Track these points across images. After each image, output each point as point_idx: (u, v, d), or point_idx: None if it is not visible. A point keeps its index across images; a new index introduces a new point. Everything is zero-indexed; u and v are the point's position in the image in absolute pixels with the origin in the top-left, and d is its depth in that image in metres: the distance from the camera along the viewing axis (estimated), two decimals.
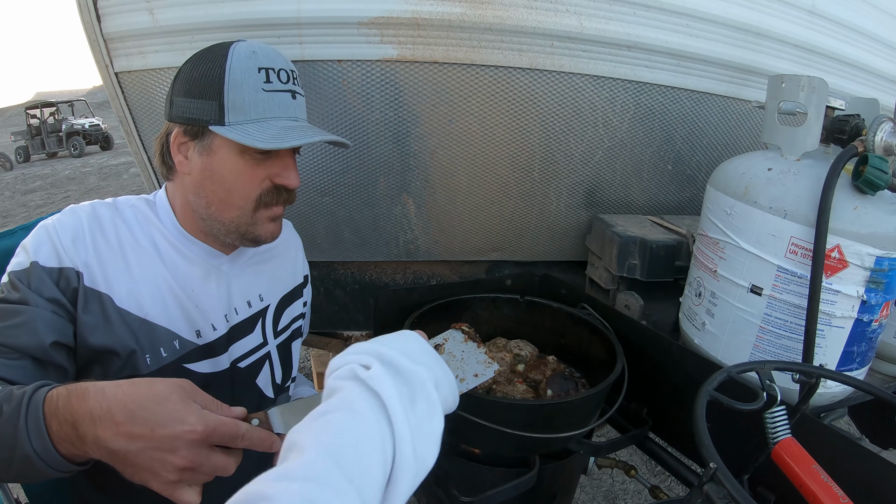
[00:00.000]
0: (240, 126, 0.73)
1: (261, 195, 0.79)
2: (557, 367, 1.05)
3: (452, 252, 1.52)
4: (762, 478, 0.80)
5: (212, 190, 0.78)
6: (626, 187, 1.48)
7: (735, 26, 1.28)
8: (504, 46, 1.16)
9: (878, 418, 1.31)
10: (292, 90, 0.79)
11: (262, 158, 0.77)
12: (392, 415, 0.47)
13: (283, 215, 0.86)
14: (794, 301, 0.89)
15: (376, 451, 0.44)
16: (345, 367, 0.51)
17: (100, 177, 10.42)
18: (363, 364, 0.51)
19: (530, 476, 0.83)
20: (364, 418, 0.46)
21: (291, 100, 0.78)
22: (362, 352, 0.52)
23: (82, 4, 1.12)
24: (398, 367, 0.51)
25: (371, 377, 0.49)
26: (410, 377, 0.51)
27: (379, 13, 1.09)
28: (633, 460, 1.93)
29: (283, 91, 0.77)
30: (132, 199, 0.84)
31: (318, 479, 0.40)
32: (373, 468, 0.43)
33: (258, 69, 0.75)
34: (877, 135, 0.83)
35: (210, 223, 0.80)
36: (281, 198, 0.81)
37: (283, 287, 0.97)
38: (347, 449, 0.43)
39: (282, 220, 0.86)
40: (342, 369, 0.51)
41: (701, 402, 0.68)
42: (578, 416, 0.86)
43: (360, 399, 0.47)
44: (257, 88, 0.75)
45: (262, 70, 0.75)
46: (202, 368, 0.83)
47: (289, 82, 0.78)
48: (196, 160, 0.77)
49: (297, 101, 0.80)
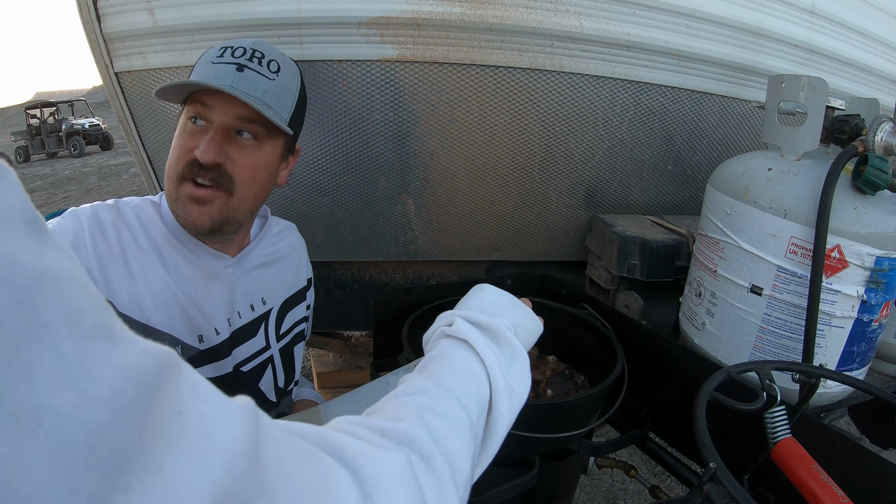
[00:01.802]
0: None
1: (182, 167, 0.76)
2: (557, 367, 1.05)
3: (452, 252, 1.52)
4: (762, 478, 0.80)
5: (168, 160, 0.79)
6: (626, 187, 1.48)
7: (735, 26, 1.28)
8: (504, 46, 1.16)
9: (878, 418, 1.31)
10: (239, 63, 0.78)
11: (196, 130, 0.77)
12: (480, 351, 0.52)
13: (221, 206, 0.78)
14: (794, 301, 0.89)
15: (471, 377, 0.50)
16: (434, 333, 0.59)
17: (100, 177, 10.42)
18: (447, 324, 0.57)
19: (530, 476, 0.83)
20: (456, 356, 0.52)
21: (235, 71, 0.77)
22: (445, 315, 0.59)
23: (82, 4, 1.12)
24: (476, 321, 0.57)
25: (455, 329, 0.55)
26: (489, 326, 0.57)
27: (379, 13, 1.09)
28: (633, 460, 1.93)
29: (230, 63, 0.78)
30: (135, 201, 0.83)
31: (425, 392, 0.46)
32: (470, 390, 0.49)
33: (220, 48, 0.80)
34: (877, 135, 0.83)
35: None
36: (194, 172, 0.75)
37: (287, 291, 0.97)
38: (445, 373, 0.49)
39: (208, 209, 0.77)
40: (434, 335, 0.58)
41: (701, 402, 0.68)
42: (578, 416, 0.86)
43: (449, 346, 0.54)
44: (208, 61, 0.79)
45: (223, 49, 0.80)
46: (205, 373, 0.82)
47: (241, 57, 0.79)
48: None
49: (243, 73, 0.77)
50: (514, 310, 0.63)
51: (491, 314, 0.59)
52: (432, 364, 0.52)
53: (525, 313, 0.64)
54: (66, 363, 0.18)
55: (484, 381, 0.51)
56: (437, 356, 0.53)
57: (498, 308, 0.62)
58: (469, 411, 0.46)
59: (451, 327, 0.56)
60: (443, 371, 0.50)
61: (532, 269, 1.50)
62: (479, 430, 0.49)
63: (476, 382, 0.50)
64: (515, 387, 0.54)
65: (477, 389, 0.50)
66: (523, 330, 0.62)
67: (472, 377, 0.50)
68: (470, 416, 0.46)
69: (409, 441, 0.39)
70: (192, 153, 0.75)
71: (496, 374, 0.52)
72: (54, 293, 0.19)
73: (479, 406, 0.49)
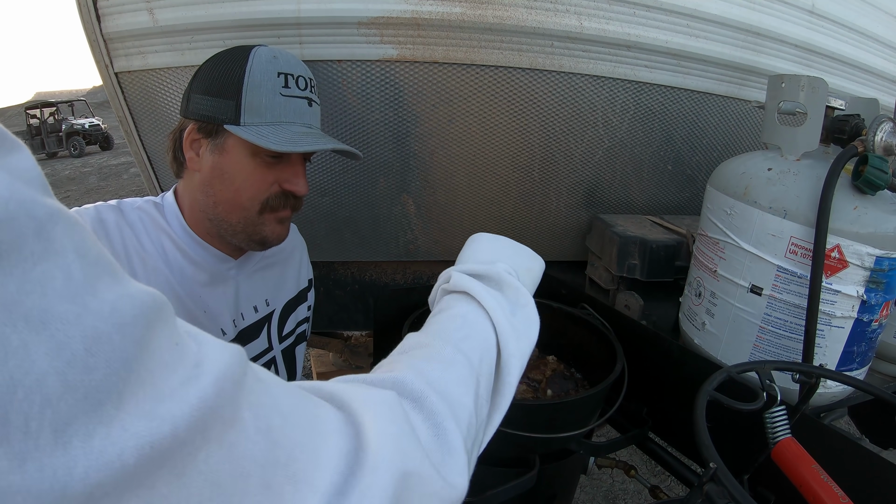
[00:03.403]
0: (254, 127, 0.74)
1: (268, 199, 0.79)
2: (557, 367, 1.05)
3: (452, 252, 1.51)
4: (762, 478, 0.80)
5: (220, 189, 0.77)
6: (626, 187, 1.48)
7: (735, 26, 1.28)
8: (504, 46, 1.16)
9: (878, 418, 1.31)
10: (309, 98, 0.79)
11: (273, 162, 0.77)
12: (480, 299, 0.52)
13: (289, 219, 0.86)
14: (794, 301, 0.89)
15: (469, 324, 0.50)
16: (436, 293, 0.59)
17: (100, 177, 10.42)
18: (445, 280, 0.57)
19: (530, 476, 0.83)
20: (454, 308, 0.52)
21: (307, 107, 0.79)
22: (444, 274, 0.59)
23: (82, 4, 1.12)
24: (473, 271, 0.56)
25: (454, 284, 0.55)
26: (488, 274, 0.56)
27: (379, 13, 1.09)
28: (633, 460, 1.93)
29: (300, 97, 0.78)
30: (138, 202, 0.82)
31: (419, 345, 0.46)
32: (468, 335, 0.48)
33: (277, 73, 0.75)
34: (877, 135, 0.83)
35: (217, 223, 0.80)
36: (288, 203, 0.81)
37: (289, 292, 0.97)
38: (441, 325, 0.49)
39: (290, 223, 0.85)
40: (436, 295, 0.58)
41: (701, 402, 0.68)
42: (578, 416, 0.86)
43: (449, 301, 0.54)
44: (275, 92, 0.75)
45: (281, 75, 0.76)
46: None
47: (306, 89, 0.79)
48: (208, 158, 0.77)
49: (312, 108, 0.80)
50: (513, 252, 0.62)
51: (489, 262, 0.58)
52: (431, 321, 0.52)
53: (524, 253, 0.64)
54: (73, 282, 0.21)
55: (487, 327, 0.50)
56: (436, 313, 0.53)
57: (495, 254, 0.61)
58: (468, 355, 0.46)
59: (449, 283, 0.56)
60: (438, 324, 0.50)
61: None
62: (485, 375, 0.48)
63: (477, 329, 0.50)
64: (522, 329, 0.53)
65: (478, 335, 0.49)
66: (525, 270, 0.61)
67: (471, 324, 0.50)
68: (469, 359, 0.46)
69: (398, 385, 0.39)
70: (275, 185, 0.79)
71: (499, 317, 0.51)
72: (66, 228, 0.22)
73: (481, 350, 0.48)
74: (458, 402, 0.41)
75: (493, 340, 0.50)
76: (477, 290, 0.53)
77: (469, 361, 0.45)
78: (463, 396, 0.42)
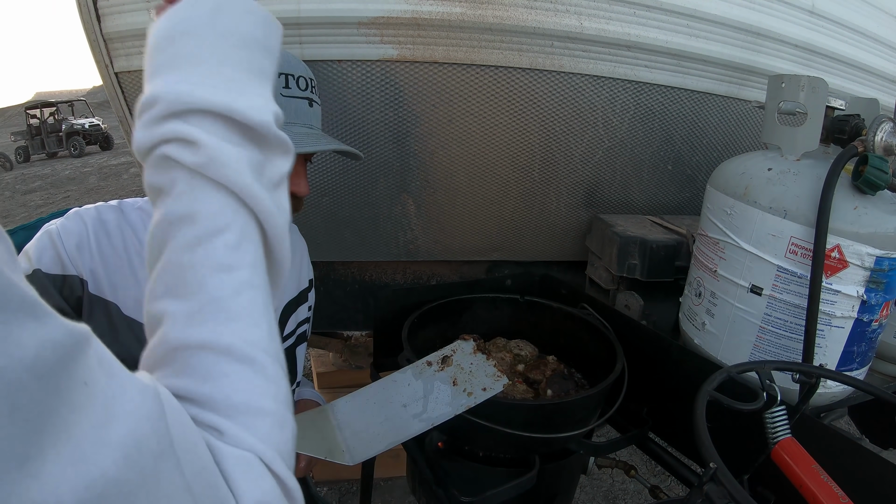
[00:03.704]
0: None
1: None
2: (557, 367, 1.05)
3: (452, 252, 1.52)
4: (762, 478, 0.80)
5: None
6: (626, 187, 1.48)
7: (735, 26, 1.28)
8: (504, 46, 1.16)
9: (878, 418, 1.31)
10: (309, 98, 0.79)
11: None
12: (246, 196, 0.38)
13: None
14: (794, 301, 0.89)
15: (242, 245, 0.38)
16: (154, 155, 0.37)
17: (100, 177, 10.42)
18: (163, 138, 0.36)
19: (530, 476, 0.83)
20: (201, 216, 0.36)
21: (308, 107, 0.79)
22: (158, 116, 0.37)
23: (82, 4, 1.12)
24: (203, 107, 0.37)
25: (200, 164, 0.36)
26: (229, 112, 0.38)
27: (379, 13, 1.09)
28: (633, 460, 1.93)
29: (301, 98, 0.77)
30: (139, 202, 0.81)
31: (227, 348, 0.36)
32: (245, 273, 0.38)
33: (278, 74, 0.75)
34: (877, 135, 0.83)
35: None
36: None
37: (290, 292, 0.97)
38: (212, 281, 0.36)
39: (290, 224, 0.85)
40: (151, 157, 0.37)
41: (701, 402, 0.68)
42: (578, 416, 0.86)
43: (186, 197, 0.36)
44: (275, 92, 0.75)
45: (281, 75, 0.75)
46: None
47: (307, 90, 0.79)
48: None
49: (313, 109, 0.80)
50: (225, 37, 0.40)
51: (211, 80, 0.38)
52: (182, 262, 0.36)
53: (243, 19, 0.42)
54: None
55: (250, 226, 0.39)
56: (176, 233, 0.36)
57: (205, 52, 0.39)
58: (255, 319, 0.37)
59: (170, 145, 0.36)
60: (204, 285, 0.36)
61: (532, 269, 1.50)
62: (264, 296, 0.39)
63: (243, 250, 0.38)
64: (276, 179, 0.41)
65: (247, 254, 0.38)
66: (257, 57, 0.43)
67: (234, 247, 0.37)
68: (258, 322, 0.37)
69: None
70: None
71: (255, 192, 0.38)
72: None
73: (255, 271, 0.38)
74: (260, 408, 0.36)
75: (257, 237, 0.39)
76: (244, 184, 0.37)
77: (267, 325, 0.38)
78: (261, 398, 0.36)
